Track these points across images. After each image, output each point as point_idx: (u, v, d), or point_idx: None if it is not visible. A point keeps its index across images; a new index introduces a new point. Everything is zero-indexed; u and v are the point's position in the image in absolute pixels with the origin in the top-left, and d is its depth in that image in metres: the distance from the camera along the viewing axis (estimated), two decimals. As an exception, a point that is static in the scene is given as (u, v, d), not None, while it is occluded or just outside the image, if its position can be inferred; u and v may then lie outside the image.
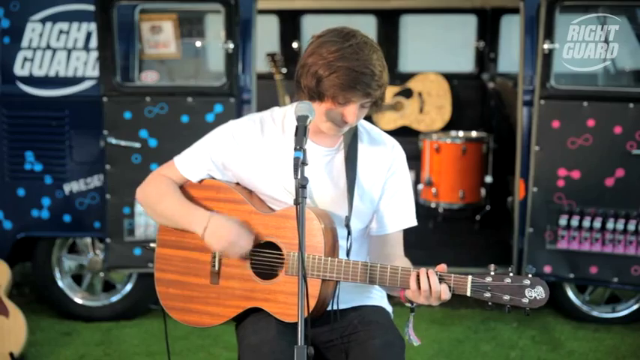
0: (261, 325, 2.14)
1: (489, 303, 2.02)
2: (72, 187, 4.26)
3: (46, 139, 4.24)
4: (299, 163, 1.92)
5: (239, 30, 4.02)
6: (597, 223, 3.97)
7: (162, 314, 2.32)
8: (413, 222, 2.31)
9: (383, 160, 2.25)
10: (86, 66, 4.18)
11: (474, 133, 5.53)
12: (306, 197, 1.92)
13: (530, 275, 1.99)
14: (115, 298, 4.42)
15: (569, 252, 4.03)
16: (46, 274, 4.42)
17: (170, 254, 2.31)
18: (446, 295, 2.03)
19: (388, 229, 2.28)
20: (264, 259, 2.21)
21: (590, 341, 4.09)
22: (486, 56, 6.12)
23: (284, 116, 2.24)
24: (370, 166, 2.24)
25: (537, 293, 1.98)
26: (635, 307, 4.32)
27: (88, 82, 4.19)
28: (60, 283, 4.42)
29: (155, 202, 2.29)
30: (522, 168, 4.15)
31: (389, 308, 2.37)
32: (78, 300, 4.43)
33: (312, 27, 6.24)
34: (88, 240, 4.45)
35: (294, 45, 6.18)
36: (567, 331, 4.20)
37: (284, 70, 5.89)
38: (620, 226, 3.94)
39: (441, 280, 2.03)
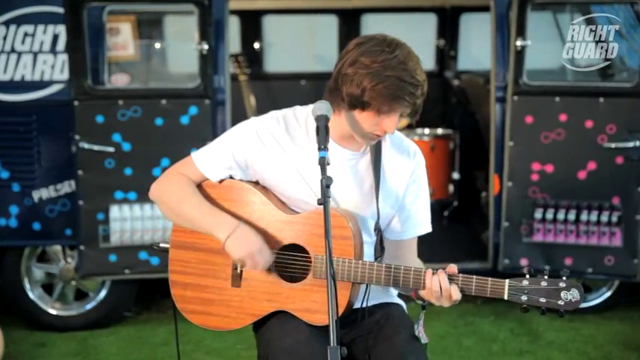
0: (290, 327, 2.10)
1: (524, 306, 2.03)
2: (41, 194, 4.14)
3: (13, 145, 4.11)
4: (325, 163, 1.91)
5: (213, 31, 3.98)
6: (571, 216, 4.05)
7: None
8: (429, 228, 2.32)
9: (406, 166, 2.24)
10: (53, 69, 4.07)
11: (440, 130, 5.58)
12: (330, 197, 1.91)
13: (564, 278, 2.02)
14: (89, 307, 4.31)
15: (545, 244, 4.11)
16: (15, 285, 4.28)
17: (186, 256, 2.24)
18: (456, 295, 2.07)
19: (406, 234, 2.28)
20: (290, 261, 2.18)
21: (567, 331, 4.17)
22: (447, 54, 6.18)
23: (307, 116, 2.19)
24: (394, 171, 2.23)
25: (572, 295, 2.01)
26: (606, 295, 4.44)
27: (55, 86, 4.08)
28: (30, 294, 4.29)
29: (175, 203, 2.20)
30: (496, 163, 4.22)
31: (404, 305, 2.38)
32: (50, 310, 4.30)
33: (273, 27, 6.20)
34: (58, 248, 4.33)
35: (256, 45, 6.13)
36: (544, 322, 4.27)
37: (248, 71, 5.85)
38: (593, 217, 4.03)
39: (451, 280, 2.07)
